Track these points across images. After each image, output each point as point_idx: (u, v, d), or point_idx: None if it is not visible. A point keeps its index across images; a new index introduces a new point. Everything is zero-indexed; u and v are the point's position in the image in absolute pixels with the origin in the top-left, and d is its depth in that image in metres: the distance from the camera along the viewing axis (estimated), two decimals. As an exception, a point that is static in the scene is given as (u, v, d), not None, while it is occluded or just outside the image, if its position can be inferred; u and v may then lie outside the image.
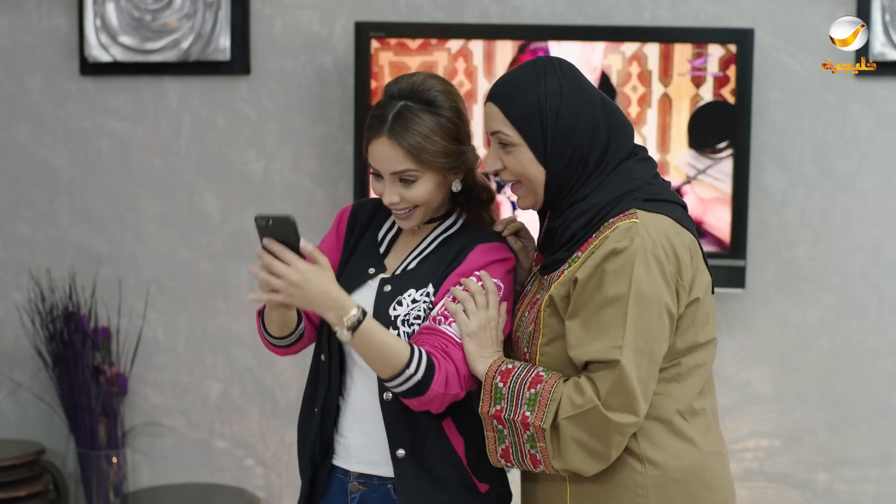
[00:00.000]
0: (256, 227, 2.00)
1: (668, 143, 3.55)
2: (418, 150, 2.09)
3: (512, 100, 2.08)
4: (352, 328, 2.01)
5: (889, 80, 3.64)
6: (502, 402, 2.04)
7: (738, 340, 3.74)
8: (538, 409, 2.00)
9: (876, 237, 3.70)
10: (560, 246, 2.09)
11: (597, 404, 1.97)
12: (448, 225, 2.22)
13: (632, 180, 2.07)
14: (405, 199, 2.13)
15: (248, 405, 3.93)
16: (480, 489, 2.18)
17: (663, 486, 2.05)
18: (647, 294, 1.98)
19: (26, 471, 3.76)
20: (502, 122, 2.08)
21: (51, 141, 3.92)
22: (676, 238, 2.04)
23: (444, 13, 3.75)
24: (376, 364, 2.05)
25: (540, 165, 2.08)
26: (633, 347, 1.97)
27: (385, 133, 2.11)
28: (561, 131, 2.06)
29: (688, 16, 3.68)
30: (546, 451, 2.01)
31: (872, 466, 3.74)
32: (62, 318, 3.81)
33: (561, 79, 2.08)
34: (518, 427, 2.03)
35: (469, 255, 2.15)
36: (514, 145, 2.08)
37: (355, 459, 2.21)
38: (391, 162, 2.12)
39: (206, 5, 3.78)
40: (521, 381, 2.03)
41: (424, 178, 2.13)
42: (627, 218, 2.02)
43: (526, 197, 2.13)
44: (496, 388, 2.04)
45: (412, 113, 2.11)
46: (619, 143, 2.09)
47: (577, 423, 1.99)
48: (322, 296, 2.00)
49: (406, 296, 2.15)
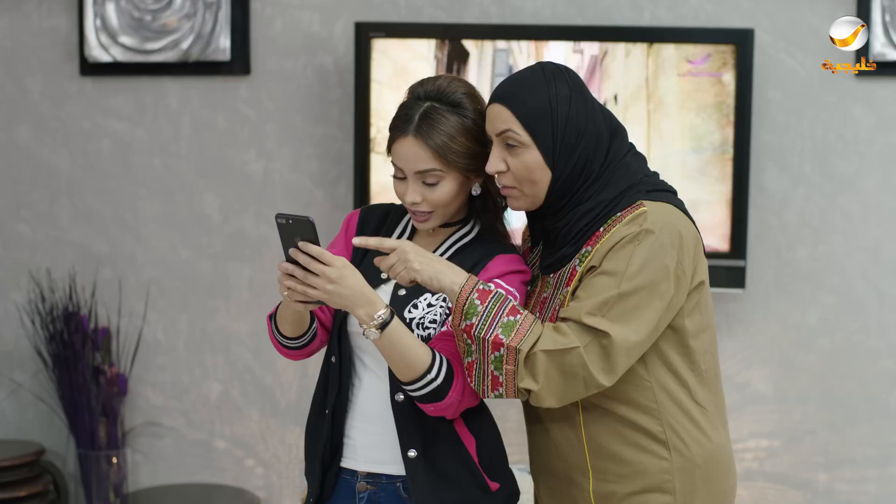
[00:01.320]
0: (277, 226, 2.02)
1: (667, 143, 3.55)
2: (444, 150, 2.11)
3: (523, 101, 2.09)
4: (381, 327, 2.01)
5: (889, 80, 3.64)
6: (474, 319, 2.02)
7: (738, 341, 3.74)
8: (515, 334, 2.01)
9: (876, 237, 3.69)
10: (565, 243, 2.12)
11: (578, 346, 2.00)
12: (464, 233, 2.23)
13: (632, 175, 2.13)
14: (427, 200, 2.14)
15: (248, 405, 3.93)
16: (491, 487, 2.19)
17: (687, 471, 2.13)
18: (641, 274, 2.03)
19: (26, 471, 3.76)
20: (512, 122, 2.09)
21: (51, 141, 3.92)
22: (682, 225, 2.10)
23: (444, 13, 3.75)
24: (399, 366, 2.06)
25: (546, 168, 2.10)
26: (616, 315, 2.01)
27: (411, 132, 2.12)
28: (569, 135, 2.09)
29: (688, 16, 3.68)
30: (512, 374, 2.02)
31: (872, 467, 3.74)
32: (62, 319, 3.81)
33: (570, 86, 2.12)
34: (487, 346, 2.02)
35: (489, 264, 2.16)
36: (523, 146, 2.09)
37: (363, 459, 2.21)
38: (416, 161, 2.12)
39: (206, 6, 3.78)
40: (500, 305, 2.03)
41: (448, 178, 2.14)
42: (634, 209, 2.08)
43: (522, 199, 2.14)
44: (471, 304, 2.03)
45: (439, 113, 2.13)
46: (618, 147, 2.14)
47: (553, 357, 2.01)
48: (359, 292, 2.01)
49: (422, 300, 2.16)
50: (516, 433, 2.62)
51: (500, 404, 2.43)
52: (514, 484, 2.25)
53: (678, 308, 2.09)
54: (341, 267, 2.01)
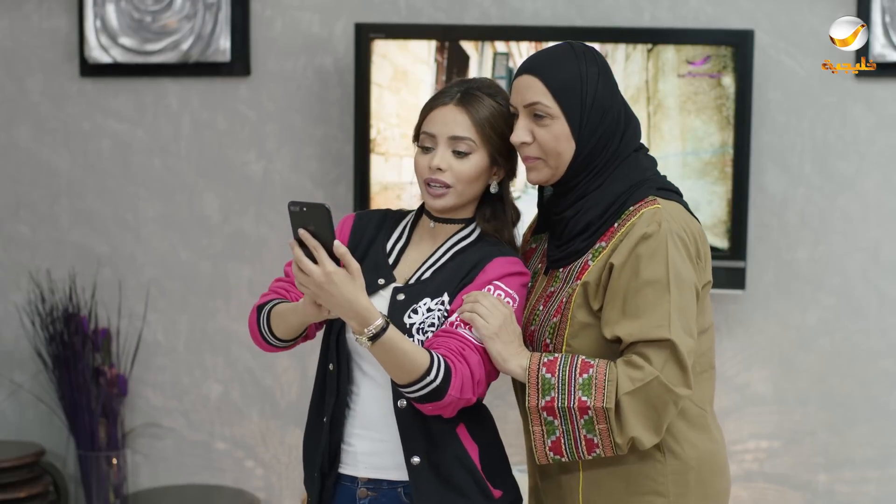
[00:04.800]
0: (290, 215, 1.97)
1: (668, 144, 3.55)
2: (483, 123, 2.15)
3: (553, 73, 2.12)
4: (373, 338, 2.00)
5: (889, 80, 3.64)
6: (552, 393, 2.04)
7: (738, 341, 3.74)
8: (596, 392, 2.02)
9: (876, 238, 3.69)
10: (574, 236, 2.13)
11: (657, 375, 2.01)
12: (464, 235, 2.22)
13: (643, 170, 2.15)
14: (452, 169, 2.15)
15: (248, 406, 3.93)
16: (495, 494, 2.19)
17: (681, 474, 2.13)
18: (682, 275, 2.05)
19: (26, 472, 3.76)
20: (543, 93, 2.12)
21: (51, 142, 3.92)
22: (692, 225, 2.14)
23: (444, 14, 3.75)
24: (394, 371, 2.05)
25: (572, 141, 2.12)
26: (678, 325, 2.03)
27: (454, 102, 2.16)
28: (596, 110, 2.12)
29: (688, 17, 3.68)
30: (606, 432, 2.03)
31: (872, 467, 3.74)
32: (62, 320, 3.81)
33: (598, 66, 2.15)
34: (574, 413, 2.04)
35: (487, 267, 2.16)
36: (552, 117, 2.12)
37: (363, 465, 2.20)
38: (454, 125, 2.15)
39: (207, 7, 3.78)
40: (571, 368, 2.05)
41: (477, 154, 2.16)
42: (649, 205, 2.09)
43: (544, 170, 2.16)
44: (544, 380, 2.05)
45: (480, 94, 2.18)
46: (632, 135, 2.17)
47: (637, 396, 2.02)
48: (346, 303, 1.99)
49: (421, 304, 2.15)
50: (517, 434, 2.61)
51: (501, 405, 2.43)
52: (516, 491, 2.24)
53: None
54: (332, 272, 1.97)
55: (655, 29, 3.61)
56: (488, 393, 2.21)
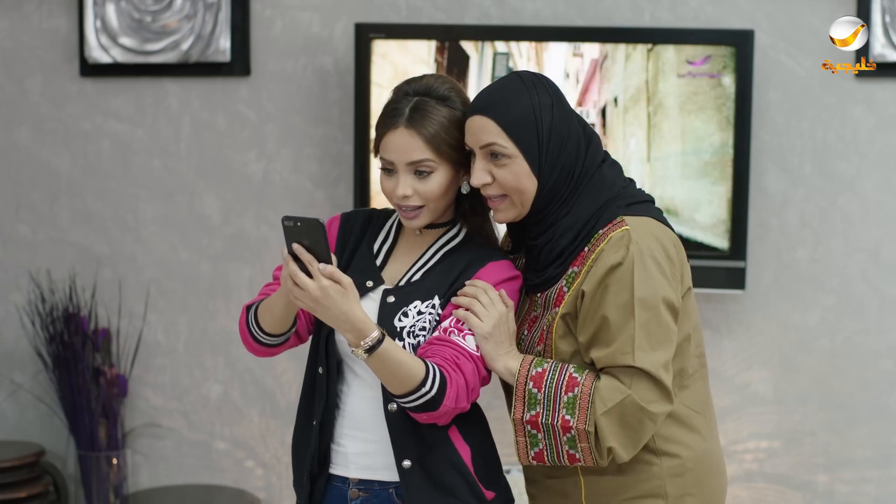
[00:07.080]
0: (284, 230, 1.98)
1: (668, 145, 3.55)
2: (437, 140, 2.10)
3: (505, 111, 2.08)
4: (369, 350, 2.00)
5: (889, 81, 3.64)
6: (538, 408, 2.05)
7: (738, 342, 3.74)
8: (579, 413, 2.03)
9: (876, 238, 3.69)
10: (549, 263, 2.13)
11: (629, 394, 2.02)
12: (451, 236, 2.21)
13: (609, 188, 2.13)
14: (418, 192, 2.12)
15: (249, 406, 3.93)
16: (487, 496, 2.18)
17: (678, 474, 2.13)
18: (647, 296, 2.03)
19: (26, 472, 3.76)
20: (497, 133, 2.08)
21: (51, 142, 3.92)
22: (664, 236, 2.11)
23: (444, 14, 3.75)
24: (390, 382, 2.04)
25: (533, 178, 2.09)
26: (645, 347, 2.02)
27: (403, 124, 2.10)
28: (554, 142, 2.09)
29: (688, 17, 3.68)
30: (588, 449, 2.05)
31: (872, 468, 3.74)
32: (62, 320, 3.81)
33: (550, 93, 2.12)
34: (558, 431, 2.05)
35: (481, 271, 2.14)
36: (510, 157, 2.09)
37: (354, 466, 2.19)
38: (409, 151, 2.10)
39: (207, 7, 3.78)
40: (557, 385, 2.05)
41: (439, 170, 2.12)
42: (617, 227, 2.08)
43: (509, 210, 2.14)
44: (530, 394, 2.06)
45: (430, 105, 2.11)
46: (594, 153, 2.14)
47: (613, 416, 2.03)
48: (343, 315, 1.99)
49: (412, 307, 2.14)
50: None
51: (497, 407, 2.43)
52: (508, 493, 2.24)
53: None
54: (326, 286, 1.97)
55: (655, 29, 3.61)
56: (487, 392, 2.21)
